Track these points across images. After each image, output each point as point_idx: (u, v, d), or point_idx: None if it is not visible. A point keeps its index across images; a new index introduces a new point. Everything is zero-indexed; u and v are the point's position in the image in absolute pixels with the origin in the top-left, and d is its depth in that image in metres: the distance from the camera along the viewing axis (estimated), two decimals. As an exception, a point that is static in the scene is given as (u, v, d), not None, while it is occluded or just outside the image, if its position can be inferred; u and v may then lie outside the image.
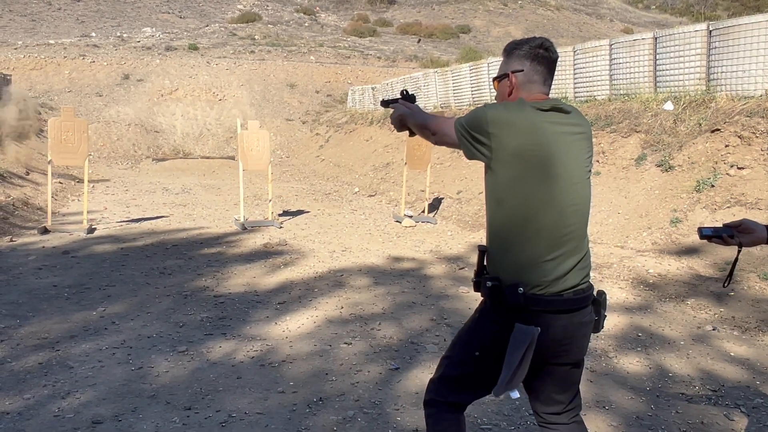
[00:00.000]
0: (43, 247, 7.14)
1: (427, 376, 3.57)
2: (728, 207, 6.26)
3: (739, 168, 6.56)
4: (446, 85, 15.10)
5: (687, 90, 8.20)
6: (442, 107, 15.14)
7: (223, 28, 34.46)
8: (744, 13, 30.13)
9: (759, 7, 37.11)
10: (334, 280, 5.90)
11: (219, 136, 23.30)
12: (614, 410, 3.26)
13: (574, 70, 10.32)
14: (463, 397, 1.97)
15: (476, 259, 1.98)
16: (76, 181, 13.42)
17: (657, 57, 8.84)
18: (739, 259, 2.18)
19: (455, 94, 14.67)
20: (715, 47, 7.83)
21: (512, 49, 1.94)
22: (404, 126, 2.17)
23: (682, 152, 7.43)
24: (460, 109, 14.03)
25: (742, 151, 6.70)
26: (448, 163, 12.29)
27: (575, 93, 10.34)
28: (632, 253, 6.46)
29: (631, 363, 3.92)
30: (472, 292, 4.56)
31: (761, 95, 7.17)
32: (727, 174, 6.63)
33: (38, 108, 19.24)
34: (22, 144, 14.91)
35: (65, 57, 25.41)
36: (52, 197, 9.09)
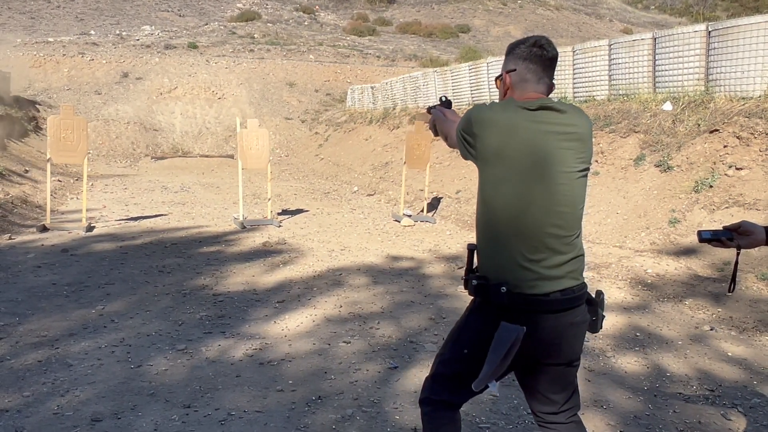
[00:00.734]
0: (42, 245, 7.14)
1: (426, 375, 3.59)
2: (726, 207, 6.28)
3: (737, 168, 6.58)
4: (445, 85, 15.10)
5: (686, 90, 8.21)
6: (441, 107, 15.13)
7: (222, 27, 34.43)
8: (743, 13, 30.16)
9: (758, 8, 37.13)
10: (333, 279, 5.90)
11: (218, 134, 23.28)
12: (612, 409, 3.28)
13: (574, 70, 10.33)
14: (456, 395, 1.98)
15: (466, 259, 2.00)
16: (75, 179, 13.41)
17: (656, 57, 8.85)
18: (730, 262, 2.21)
19: (454, 94, 14.67)
20: (714, 48, 7.84)
21: (511, 49, 1.97)
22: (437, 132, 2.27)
23: (680, 153, 7.45)
24: (459, 109, 14.03)
25: (741, 151, 6.72)
26: (447, 162, 12.30)
27: (574, 93, 10.35)
28: (631, 253, 6.48)
29: (629, 362, 3.94)
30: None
31: (760, 96, 7.19)
32: (726, 174, 6.64)
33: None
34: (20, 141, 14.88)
35: (64, 55, 25.37)
36: (51, 195, 9.08)
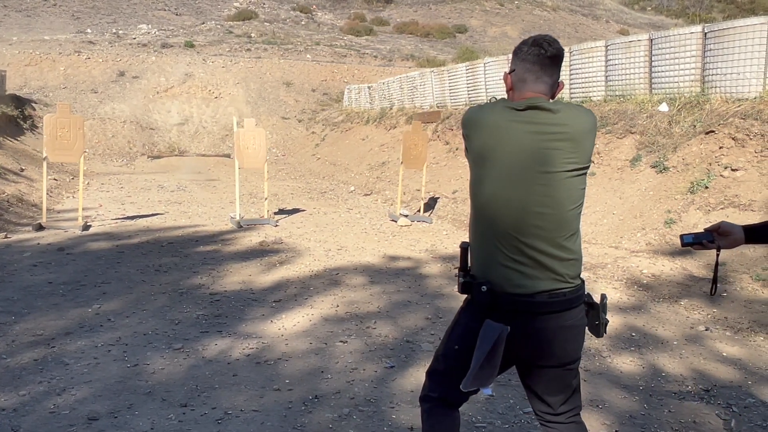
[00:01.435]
0: (38, 243, 7.12)
1: (423, 374, 3.59)
2: (722, 208, 6.30)
3: (732, 170, 6.61)
4: (442, 85, 15.12)
5: (682, 91, 8.24)
6: (438, 107, 15.16)
7: (219, 26, 34.37)
8: (739, 15, 30.28)
9: (754, 10, 37.29)
10: (329, 279, 5.91)
11: (215, 133, 23.25)
12: (608, 409, 3.29)
13: (570, 70, 10.35)
14: (452, 392, 1.97)
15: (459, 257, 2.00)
16: (71, 177, 13.38)
17: (652, 58, 8.89)
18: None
19: (451, 94, 14.70)
20: (710, 49, 7.87)
21: (515, 50, 1.97)
22: None
23: (676, 153, 7.47)
24: (456, 109, 14.05)
25: (736, 152, 6.75)
26: (444, 162, 12.32)
27: (571, 94, 10.38)
28: (626, 253, 6.50)
29: (625, 362, 3.95)
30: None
31: (755, 97, 7.22)
32: (721, 175, 6.67)
33: None
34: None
35: (60, 53, 25.29)
36: (47, 194, 9.06)
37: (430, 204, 10.50)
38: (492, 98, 2.35)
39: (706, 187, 6.68)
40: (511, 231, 1.82)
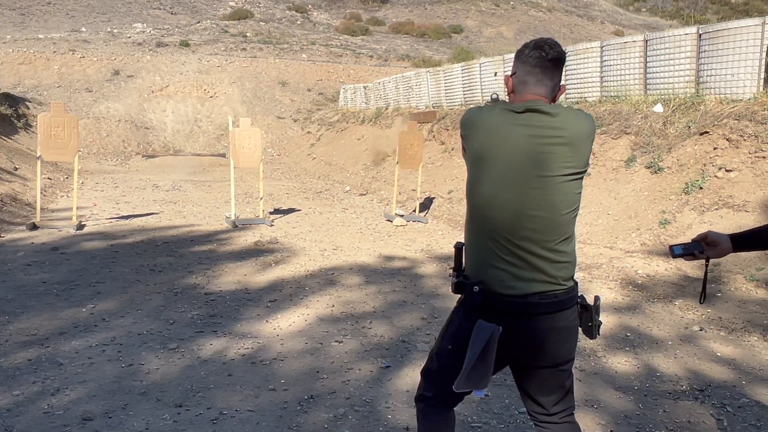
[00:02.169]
0: (32, 243, 7.09)
1: (418, 374, 3.59)
2: (716, 209, 6.33)
3: (727, 170, 6.63)
4: (438, 85, 15.13)
5: (677, 92, 8.28)
6: (434, 107, 15.18)
7: (214, 25, 34.30)
8: (733, 17, 30.41)
9: (748, 11, 37.46)
10: (325, 279, 5.90)
11: (210, 133, 23.21)
12: (603, 409, 3.30)
13: (566, 71, 10.37)
14: (445, 391, 1.97)
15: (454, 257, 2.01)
16: (65, 176, 13.32)
17: (647, 59, 8.92)
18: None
19: (447, 94, 14.71)
20: (705, 50, 7.91)
21: (517, 52, 1.97)
22: None
23: (671, 154, 7.50)
24: (452, 109, 14.06)
25: (731, 153, 6.77)
26: (439, 162, 12.33)
27: (566, 94, 10.40)
28: (621, 253, 6.52)
29: (620, 362, 3.96)
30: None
31: (750, 98, 7.25)
32: (716, 176, 6.70)
33: None
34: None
35: (55, 52, 25.19)
36: (41, 193, 9.02)
37: (426, 204, 10.51)
38: (494, 95, 2.34)
39: (701, 188, 6.71)
40: (504, 233, 1.82)
